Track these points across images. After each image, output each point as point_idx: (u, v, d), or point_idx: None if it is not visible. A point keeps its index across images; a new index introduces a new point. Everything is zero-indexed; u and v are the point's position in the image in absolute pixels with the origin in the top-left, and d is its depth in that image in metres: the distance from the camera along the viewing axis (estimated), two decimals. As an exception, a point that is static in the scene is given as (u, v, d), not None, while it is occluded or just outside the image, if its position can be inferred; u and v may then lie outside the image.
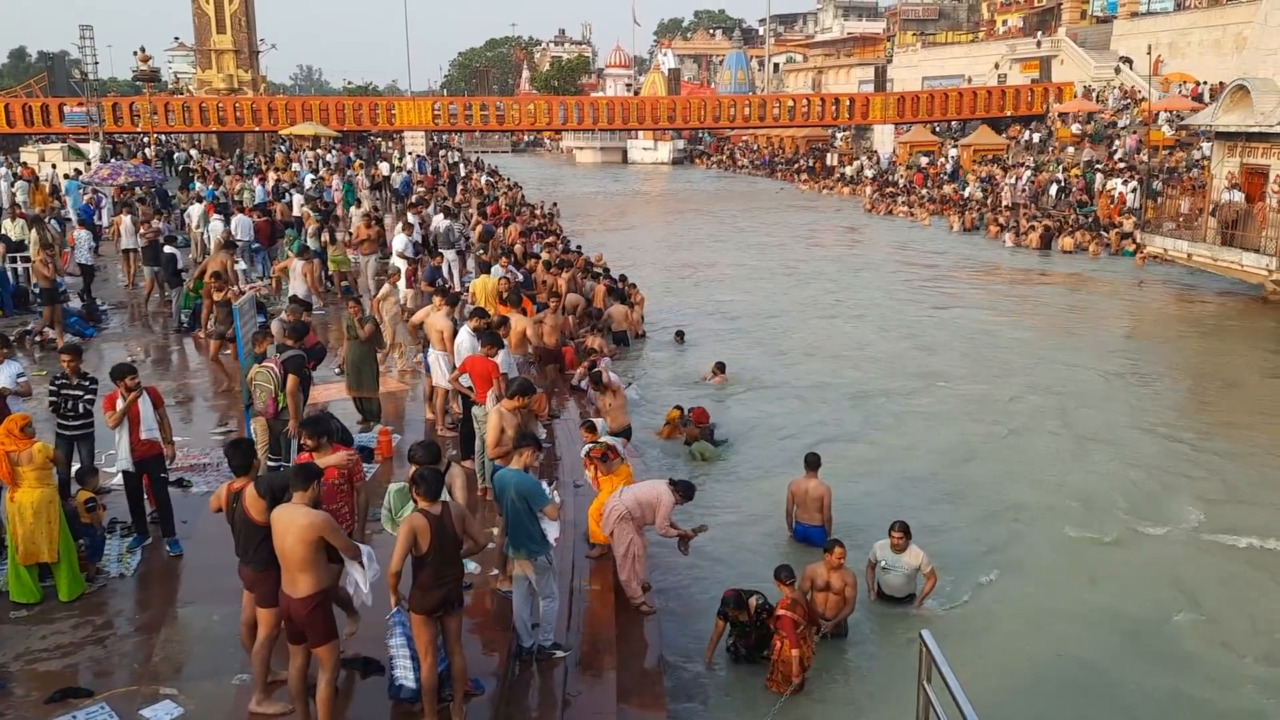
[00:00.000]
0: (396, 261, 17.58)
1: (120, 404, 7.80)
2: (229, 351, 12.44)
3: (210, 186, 27.39)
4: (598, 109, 53.92)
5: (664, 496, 7.81)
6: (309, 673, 5.65)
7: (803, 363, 17.18)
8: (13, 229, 19.05)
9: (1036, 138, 44.66)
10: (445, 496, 5.75)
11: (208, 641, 6.77)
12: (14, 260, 17.51)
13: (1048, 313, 21.23)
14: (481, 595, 7.41)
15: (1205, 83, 38.78)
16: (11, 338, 12.00)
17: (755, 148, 72.05)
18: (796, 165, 60.34)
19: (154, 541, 8.13)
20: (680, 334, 19.02)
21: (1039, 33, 55.33)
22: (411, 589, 5.61)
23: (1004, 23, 66.16)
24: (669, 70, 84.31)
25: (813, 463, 9.73)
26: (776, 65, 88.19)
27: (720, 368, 15.57)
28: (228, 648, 6.62)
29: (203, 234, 19.85)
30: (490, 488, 7.92)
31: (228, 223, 19.02)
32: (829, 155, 58.17)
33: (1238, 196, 21.02)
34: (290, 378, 8.71)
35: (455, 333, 10.35)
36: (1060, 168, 38.17)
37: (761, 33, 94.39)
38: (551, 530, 6.55)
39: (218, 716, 5.95)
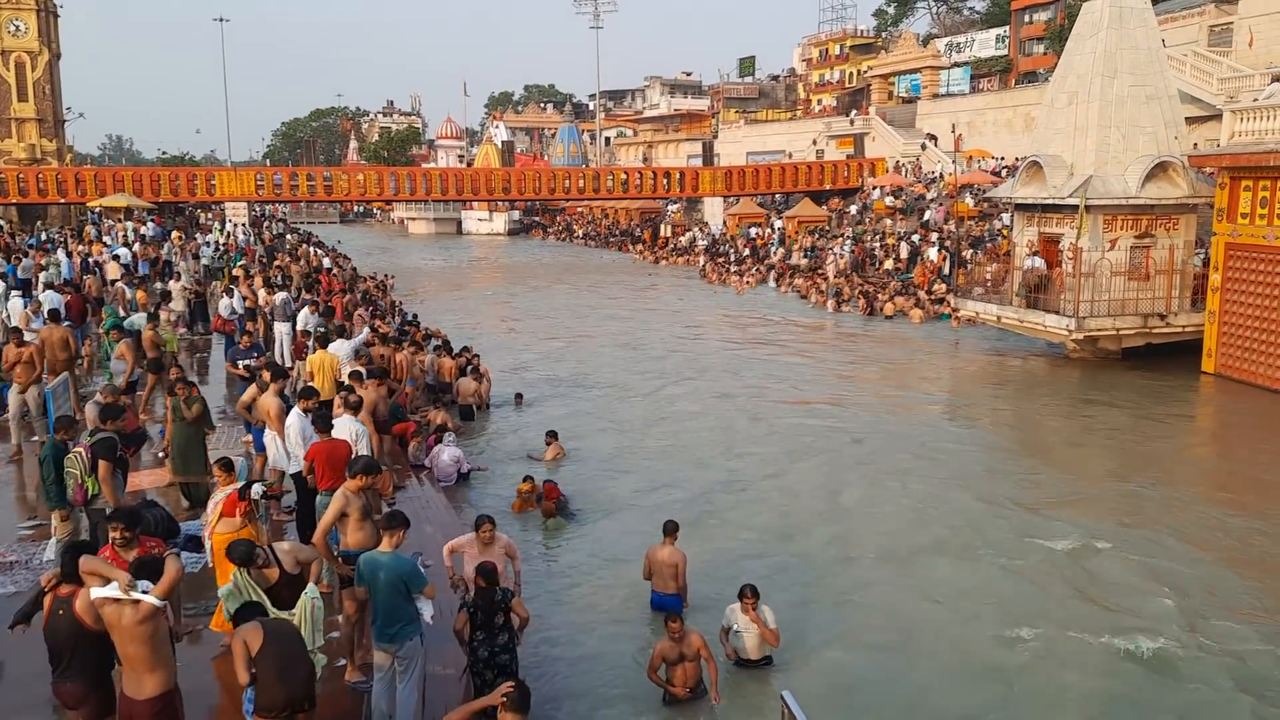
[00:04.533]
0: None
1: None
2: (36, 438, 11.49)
3: (11, 263, 25.44)
4: (430, 180, 53.63)
5: None
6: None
7: (645, 428, 17.32)
8: None
9: (854, 209, 47.32)
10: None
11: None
12: None
13: (876, 373, 22.27)
14: (331, 690, 6.98)
15: (1001, 158, 42.22)
16: None
17: (592, 219, 73.25)
18: (632, 236, 61.65)
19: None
20: (519, 396, 18.95)
21: (852, 111, 59.00)
22: (255, 688, 5.24)
23: (819, 102, 70.40)
24: (502, 142, 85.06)
25: (670, 529, 9.73)
26: (608, 139, 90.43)
27: (552, 436, 15.43)
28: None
29: (2, 313, 18.38)
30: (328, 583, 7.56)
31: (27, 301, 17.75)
32: (663, 226, 59.76)
33: (1038, 263, 22.80)
34: (101, 463, 8.09)
35: (286, 412, 9.92)
36: (878, 237, 40.50)
37: (592, 107, 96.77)
38: (427, 611, 6.29)
39: None
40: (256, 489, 7.23)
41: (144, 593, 4.99)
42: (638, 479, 14.42)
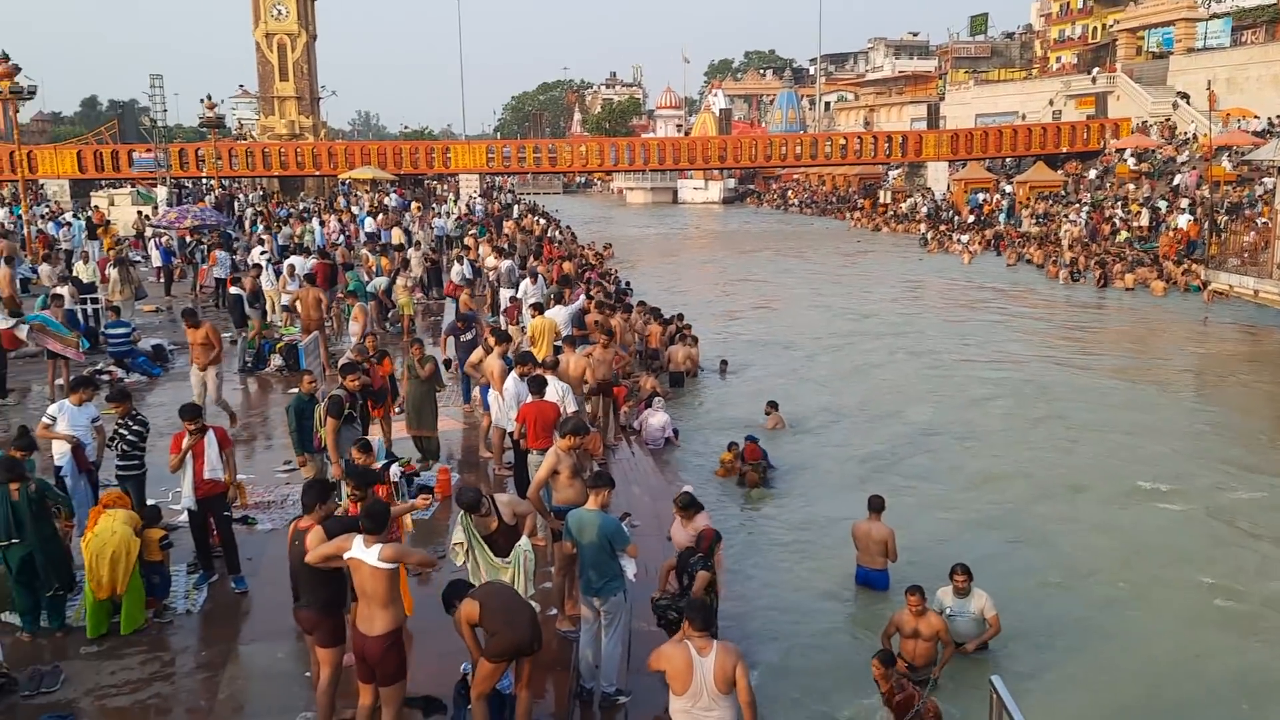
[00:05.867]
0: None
1: (186, 443, 7.97)
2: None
3: (274, 230, 28.09)
4: (648, 149, 54.39)
5: None
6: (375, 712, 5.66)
7: (857, 400, 17.00)
8: (84, 271, 19.68)
9: (1094, 174, 44.11)
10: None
11: (271, 679, 6.83)
12: (84, 302, 18.06)
13: (1111, 351, 20.80)
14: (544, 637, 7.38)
15: (1265, 117, 38.09)
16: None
17: (808, 186, 72.08)
18: (850, 203, 60.19)
19: (220, 578, 8.24)
20: (724, 363, 19.07)
21: (1094, 69, 54.84)
22: (486, 641, 5.64)
23: (1057, 60, 65.75)
24: (720, 110, 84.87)
25: (876, 505, 9.58)
26: (827, 104, 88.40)
27: (773, 406, 15.44)
28: (292, 686, 6.67)
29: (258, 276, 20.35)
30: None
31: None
32: (882, 192, 57.98)
33: (1306, 232, 20.50)
34: (329, 420, 8.84)
35: (507, 374, 10.44)
36: (1119, 203, 37.60)
37: (812, 72, 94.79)
38: (630, 568, 6.55)
39: (283, 755, 5.98)
40: (395, 470, 7.51)
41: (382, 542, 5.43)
42: (844, 449, 14.22)
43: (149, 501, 8.68)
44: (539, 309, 14.57)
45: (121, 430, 8.59)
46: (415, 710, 6.21)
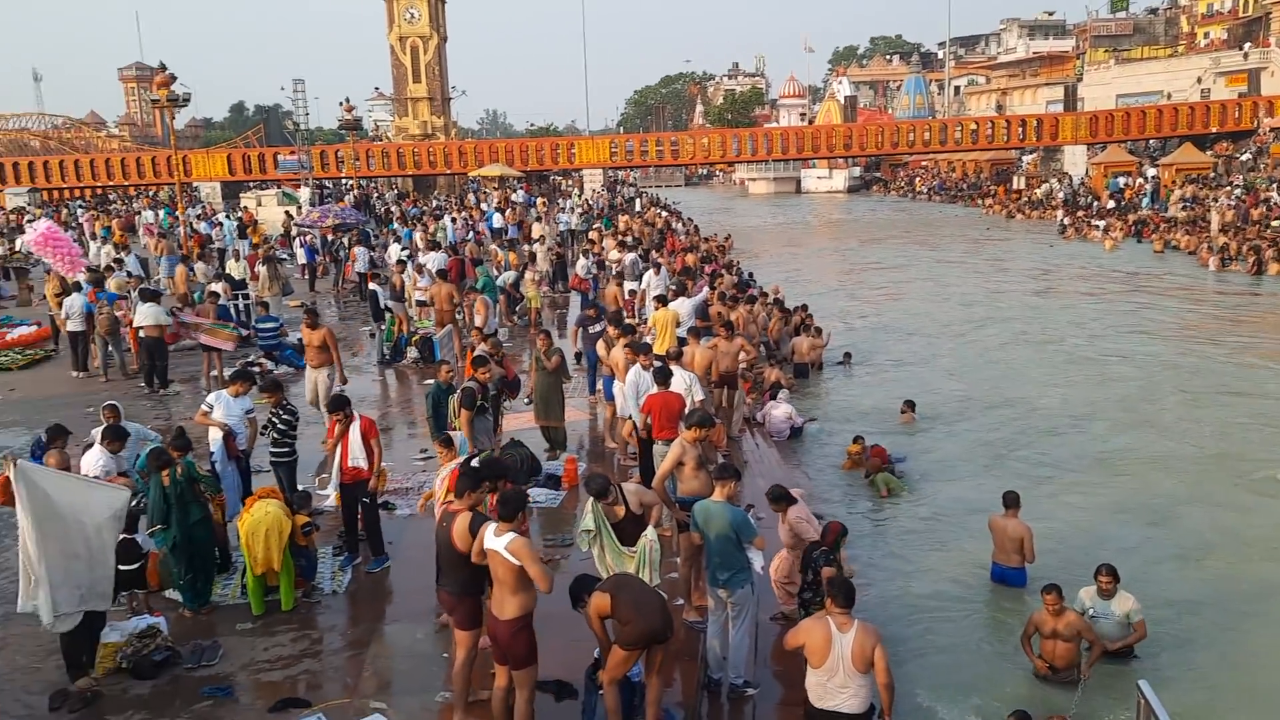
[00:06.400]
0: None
1: (338, 431, 8.38)
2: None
3: (408, 228, 29.08)
4: (771, 139, 53.98)
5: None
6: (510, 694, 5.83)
7: (986, 389, 16.49)
8: (235, 269, 20.81)
9: (1247, 155, 41.50)
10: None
11: (412, 658, 7.11)
12: (236, 298, 19.11)
13: (1267, 340, 19.57)
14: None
15: None
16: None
17: (937, 172, 70.17)
18: (981, 190, 58.31)
19: (363, 560, 8.62)
20: (848, 355, 18.81)
21: (1246, 44, 51.57)
22: (619, 632, 5.76)
23: (1206, 35, 62.10)
24: (845, 98, 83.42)
25: (1011, 501, 9.29)
26: (957, 88, 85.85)
27: (909, 406, 15.13)
28: (431, 665, 6.94)
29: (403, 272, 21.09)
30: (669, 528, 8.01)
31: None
32: (1015, 178, 55.94)
33: None
34: (463, 411, 9.12)
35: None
36: (1275, 186, 35.28)
37: (940, 56, 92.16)
38: (757, 560, 6.57)
39: (423, 732, 6.23)
40: (474, 464, 7.66)
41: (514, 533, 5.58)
42: (974, 439, 13.85)
43: (299, 487, 9.16)
44: (662, 301, 14.65)
45: (274, 419, 9.10)
46: (547, 694, 6.37)
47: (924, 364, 18.80)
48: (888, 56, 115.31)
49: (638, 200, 49.63)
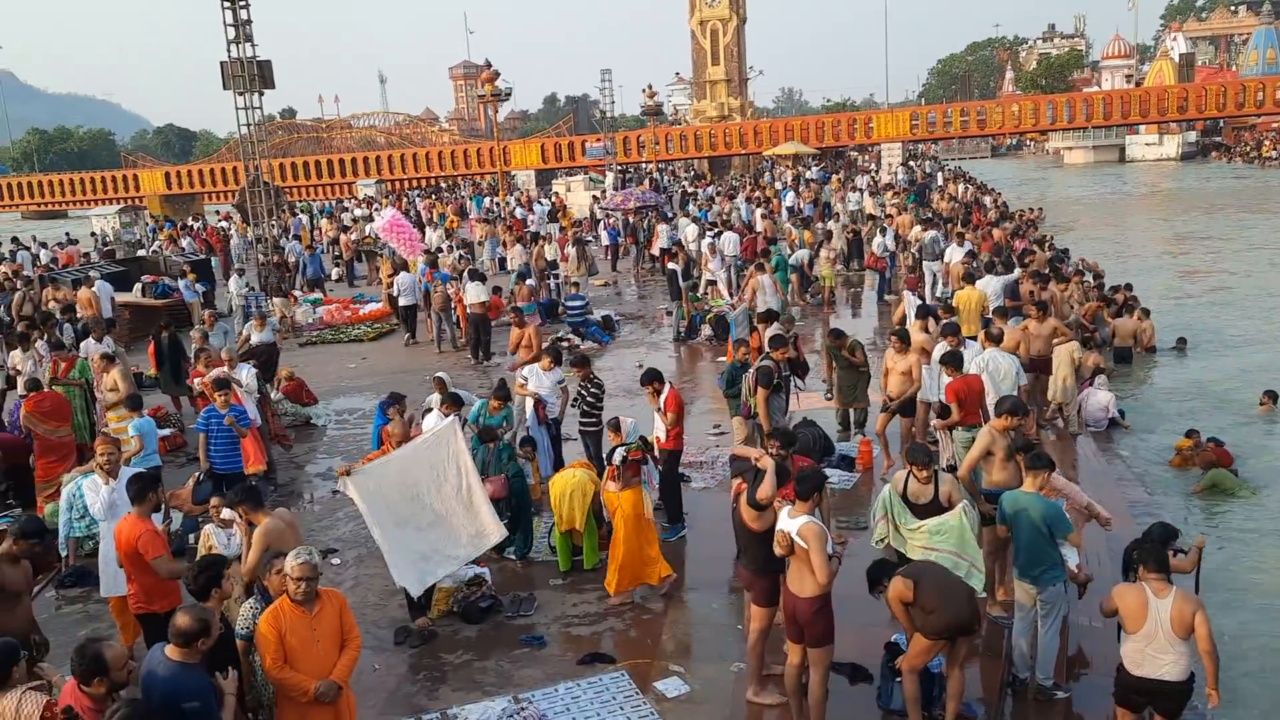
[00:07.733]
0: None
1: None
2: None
3: (703, 208, 29.70)
4: (1092, 104, 49.88)
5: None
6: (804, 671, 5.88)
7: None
8: (548, 251, 22.24)
9: None
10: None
11: (709, 627, 7.35)
12: (547, 278, 20.42)
13: None
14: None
15: None
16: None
17: (1291, 135, 61.69)
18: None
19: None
20: (1182, 341, 17.02)
21: None
22: (921, 620, 5.66)
23: None
24: (1180, 55, 75.16)
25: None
26: (1322, 35, 74.61)
27: (1270, 397, 13.47)
28: (726, 635, 7.14)
29: (696, 250, 21.58)
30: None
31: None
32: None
33: None
34: (759, 390, 9.21)
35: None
36: None
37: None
38: (1072, 558, 6.19)
39: (718, 698, 6.43)
40: (618, 455, 7.67)
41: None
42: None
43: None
44: (970, 280, 13.99)
45: (583, 391, 9.73)
46: (841, 675, 6.35)
47: (1275, 349, 16.67)
48: (1233, 8, 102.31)
49: (939, 174, 47.54)
